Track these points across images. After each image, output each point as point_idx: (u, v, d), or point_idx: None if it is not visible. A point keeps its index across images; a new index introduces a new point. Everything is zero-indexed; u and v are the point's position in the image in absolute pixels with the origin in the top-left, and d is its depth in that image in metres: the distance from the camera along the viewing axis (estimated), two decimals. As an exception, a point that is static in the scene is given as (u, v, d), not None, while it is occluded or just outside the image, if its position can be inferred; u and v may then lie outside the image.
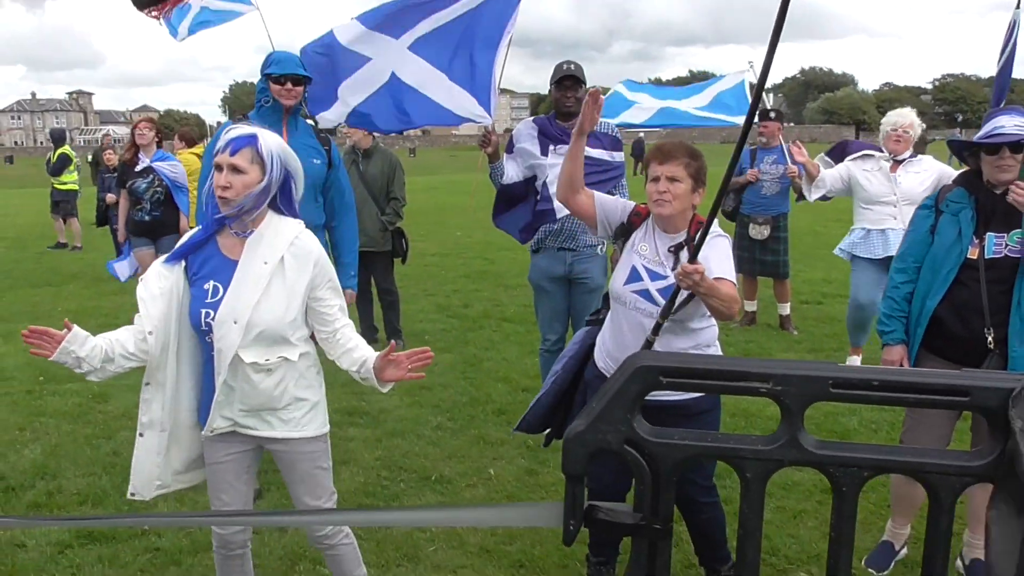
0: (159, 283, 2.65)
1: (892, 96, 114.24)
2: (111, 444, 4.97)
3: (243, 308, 2.56)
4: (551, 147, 4.78)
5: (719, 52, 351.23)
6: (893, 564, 3.64)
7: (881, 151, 6.03)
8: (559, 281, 4.97)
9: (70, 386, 6.14)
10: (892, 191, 5.89)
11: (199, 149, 9.81)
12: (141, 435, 2.76)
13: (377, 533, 3.82)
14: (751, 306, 8.04)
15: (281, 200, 2.70)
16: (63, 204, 14.29)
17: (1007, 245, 3.19)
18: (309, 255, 2.67)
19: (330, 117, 5.06)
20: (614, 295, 3.17)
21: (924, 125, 6.26)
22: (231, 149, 2.59)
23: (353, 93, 4.92)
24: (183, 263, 2.70)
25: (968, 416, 3.73)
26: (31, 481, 4.45)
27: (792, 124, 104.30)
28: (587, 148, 4.74)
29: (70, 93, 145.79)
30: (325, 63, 4.96)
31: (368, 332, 7.38)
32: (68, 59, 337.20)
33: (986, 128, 3.29)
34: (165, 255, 2.74)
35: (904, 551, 3.72)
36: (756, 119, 7.79)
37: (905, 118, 5.98)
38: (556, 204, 4.76)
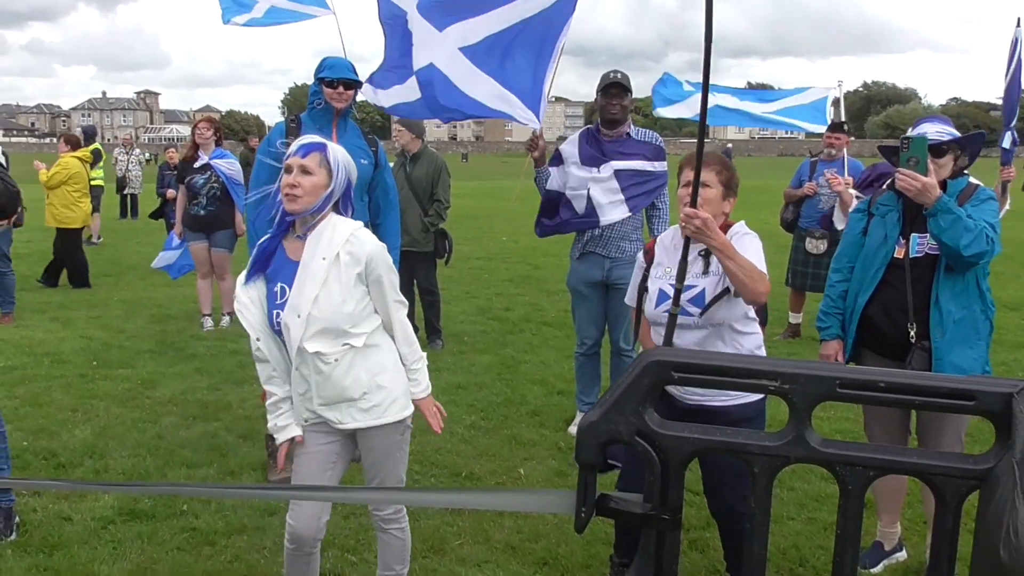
0: (247, 293, 2.81)
1: (960, 111, 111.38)
2: (156, 428, 5.13)
3: (304, 302, 2.69)
4: (591, 169, 4.82)
5: (776, 64, 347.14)
6: (883, 565, 3.69)
7: None
8: (596, 286, 5.01)
9: (121, 371, 6.36)
10: None
11: (82, 153, 10.02)
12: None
13: (406, 525, 3.89)
14: (796, 319, 7.96)
15: (341, 204, 2.86)
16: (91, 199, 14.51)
17: (928, 244, 3.31)
18: (363, 248, 2.77)
19: (383, 100, 5.06)
20: (652, 321, 3.19)
21: None
22: (302, 152, 2.76)
23: (403, 94, 4.95)
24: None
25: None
26: (80, 460, 4.62)
27: (853, 138, 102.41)
28: (628, 160, 4.81)
29: (138, 93, 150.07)
30: (402, 28, 5.00)
31: (409, 330, 7.47)
32: (137, 60, 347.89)
33: (912, 133, 3.41)
34: (244, 275, 2.85)
35: (902, 554, 3.75)
36: (828, 130, 7.76)
37: None
38: (599, 214, 4.80)
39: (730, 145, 38.57)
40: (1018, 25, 6.15)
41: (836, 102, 8.57)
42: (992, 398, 1.47)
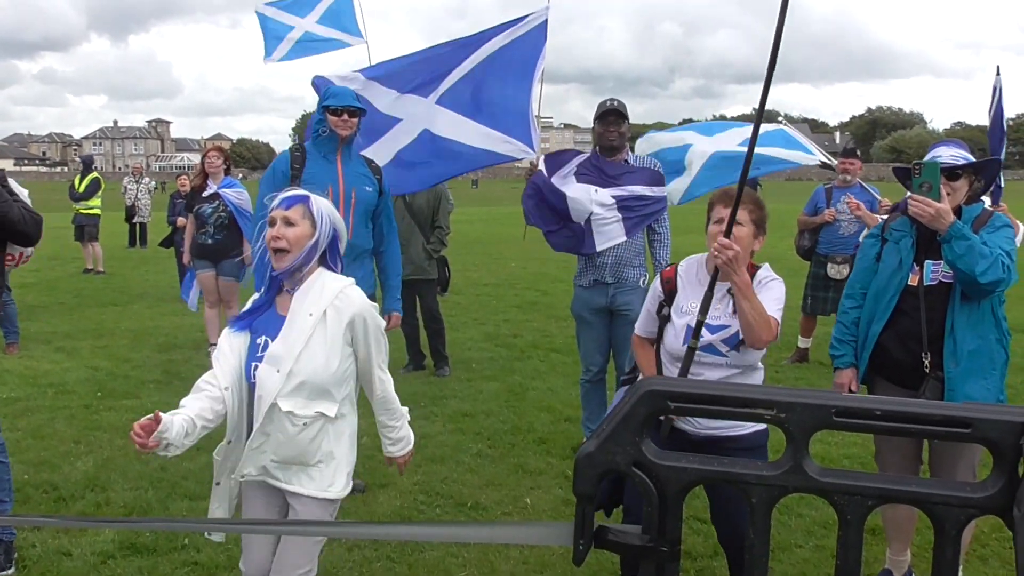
0: (230, 340, 2.75)
1: (964, 135, 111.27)
2: (159, 460, 5.08)
3: (286, 357, 2.64)
4: (593, 189, 4.82)
5: (782, 90, 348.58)
6: None
7: None
8: (601, 312, 5.00)
9: (126, 402, 6.35)
10: None
11: None
12: (218, 483, 2.83)
13: (409, 556, 3.86)
14: (805, 343, 7.91)
15: (330, 257, 2.82)
16: (88, 228, 14.33)
17: (942, 272, 3.27)
18: (350, 307, 2.72)
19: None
20: (675, 357, 3.09)
21: None
22: (285, 204, 2.73)
23: (376, 154, 4.98)
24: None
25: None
26: (81, 492, 4.60)
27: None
28: (627, 186, 4.81)
29: (149, 121, 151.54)
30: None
31: (416, 358, 7.47)
32: (148, 89, 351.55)
33: (926, 158, 3.39)
34: (233, 320, 2.82)
35: None
36: (841, 155, 7.77)
37: None
38: (595, 239, 4.80)
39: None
40: (998, 74, 6.78)
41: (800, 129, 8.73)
42: (988, 425, 1.45)
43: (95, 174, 14.93)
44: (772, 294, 3.01)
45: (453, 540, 3.84)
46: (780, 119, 8.75)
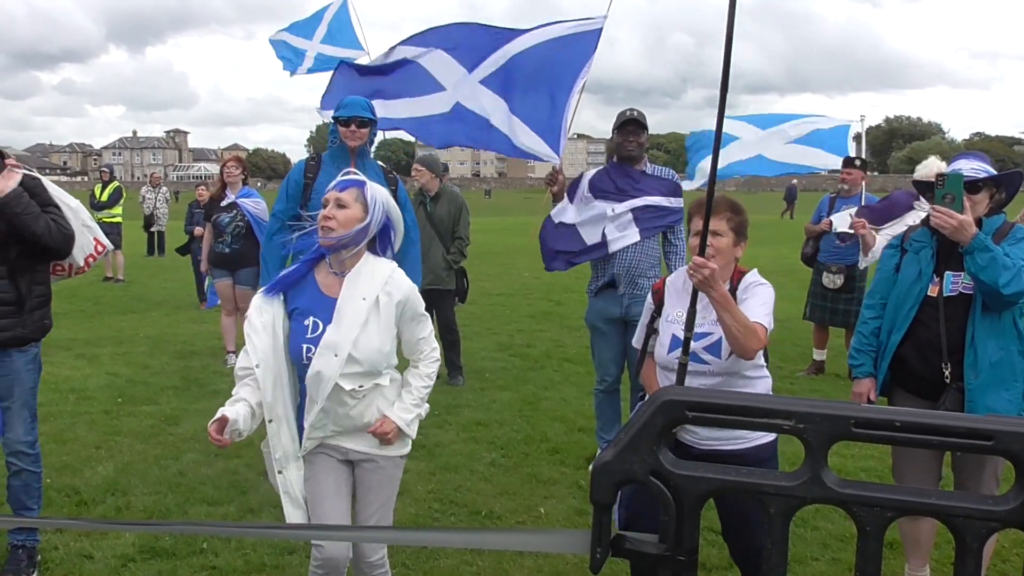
0: (260, 318, 2.84)
1: (983, 146, 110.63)
2: (178, 465, 5.16)
3: (344, 341, 2.74)
4: (608, 204, 4.83)
5: (794, 100, 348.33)
6: None
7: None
8: (615, 322, 5.00)
9: (145, 408, 6.41)
10: None
11: None
12: (281, 472, 2.87)
13: (424, 564, 3.87)
14: (820, 355, 7.87)
15: (380, 244, 2.91)
16: (112, 237, 14.44)
17: (962, 283, 3.26)
18: (399, 292, 2.86)
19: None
20: (662, 365, 3.17)
21: None
22: (339, 187, 2.84)
23: (408, 108, 5.02)
24: (282, 297, 2.88)
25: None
26: (102, 496, 4.65)
27: (876, 173, 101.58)
28: (646, 196, 4.82)
29: (167, 131, 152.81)
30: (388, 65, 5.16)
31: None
32: (164, 99, 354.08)
33: (947, 171, 3.39)
34: (263, 288, 2.92)
35: None
36: (841, 164, 7.70)
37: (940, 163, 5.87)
38: (608, 248, 4.81)
39: (795, 181, 39.09)
40: None
41: (857, 137, 8.51)
42: (1011, 438, 1.45)
43: (117, 183, 15.08)
44: (758, 299, 3.01)
45: (471, 546, 3.85)
46: (861, 117, 8.55)
